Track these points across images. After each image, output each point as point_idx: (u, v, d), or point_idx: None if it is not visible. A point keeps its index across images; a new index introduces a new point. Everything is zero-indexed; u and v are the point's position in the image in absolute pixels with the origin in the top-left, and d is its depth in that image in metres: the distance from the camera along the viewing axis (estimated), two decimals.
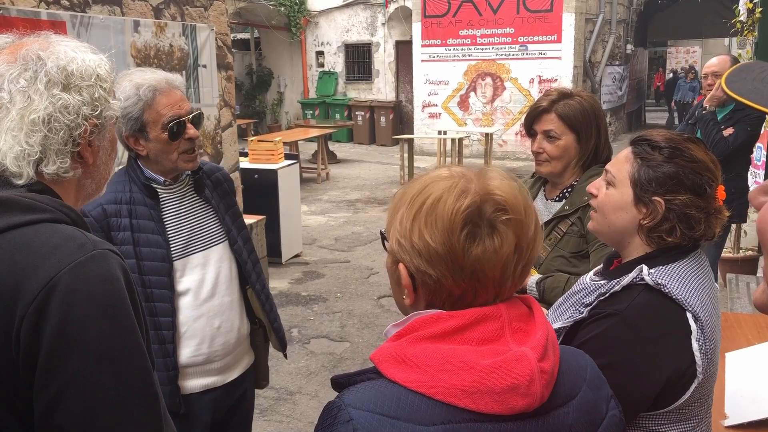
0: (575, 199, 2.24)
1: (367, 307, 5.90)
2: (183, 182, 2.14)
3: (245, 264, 2.24)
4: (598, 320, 1.44)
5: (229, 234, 2.21)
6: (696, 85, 17.53)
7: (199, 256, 2.12)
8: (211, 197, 2.19)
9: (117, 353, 1.07)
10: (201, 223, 2.15)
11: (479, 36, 14.63)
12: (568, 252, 2.22)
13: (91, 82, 1.19)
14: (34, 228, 1.07)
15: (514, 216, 1.01)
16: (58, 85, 1.15)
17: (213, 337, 2.14)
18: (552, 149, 2.26)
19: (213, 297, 2.14)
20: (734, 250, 5.79)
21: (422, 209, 1.04)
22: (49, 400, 1.02)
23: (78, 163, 1.21)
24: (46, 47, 1.18)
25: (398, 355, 1.00)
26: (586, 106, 2.26)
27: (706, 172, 1.47)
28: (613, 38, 15.75)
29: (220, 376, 2.20)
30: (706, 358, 1.41)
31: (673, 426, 1.46)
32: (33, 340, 1.01)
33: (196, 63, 4.94)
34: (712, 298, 1.48)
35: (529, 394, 0.96)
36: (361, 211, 9.76)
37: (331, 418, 0.99)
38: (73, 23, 3.83)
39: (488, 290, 1.03)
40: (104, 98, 1.22)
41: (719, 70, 4.62)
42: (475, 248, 1.00)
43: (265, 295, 2.31)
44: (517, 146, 14.53)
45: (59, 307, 1.01)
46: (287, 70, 19.10)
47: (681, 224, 1.46)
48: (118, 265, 1.11)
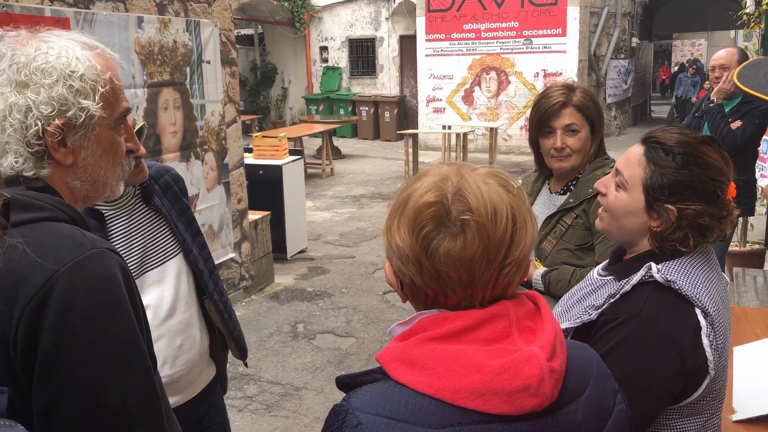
0: (580, 192, 2.23)
1: (372, 303, 5.89)
2: (128, 194, 1.92)
3: (201, 273, 2.08)
4: (615, 327, 1.42)
5: (183, 244, 2.04)
6: (698, 80, 17.07)
7: (155, 272, 1.96)
8: (162, 204, 2.00)
9: (116, 352, 1.06)
10: (153, 236, 1.97)
11: (483, 30, 14.58)
12: (573, 244, 2.21)
13: (51, 81, 1.15)
14: (32, 226, 1.06)
15: (477, 218, 0.98)
16: (11, 83, 1.13)
17: (175, 357, 1.99)
18: (574, 142, 2.23)
19: (173, 315, 1.99)
20: (741, 243, 5.77)
21: (398, 207, 1.05)
22: (49, 399, 1.01)
23: (49, 163, 1.18)
24: (20, 43, 1.16)
25: (405, 356, 1.00)
26: (592, 98, 2.28)
27: (720, 177, 1.45)
28: (618, 31, 15.68)
29: (181, 395, 2.04)
30: (717, 353, 1.40)
31: (685, 420, 1.46)
32: (31, 339, 1.00)
33: (200, 59, 4.94)
34: (720, 292, 1.47)
35: (539, 393, 0.95)
36: (366, 206, 9.75)
37: (338, 422, 0.98)
38: (77, 20, 3.82)
39: (457, 292, 1.01)
40: (69, 97, 1.16)
41: (726, 63, 4.59)
42: (438, 248, 0.99)
43: (223, 304, 2.16)
44: (522, 140, 14.47)
45: (57, 306, 1.00)
46: (291, 65, 19.09)
47: (693, 232, 1.44)
48: (116, 264, 1.10)
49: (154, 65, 4.51)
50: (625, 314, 1.42)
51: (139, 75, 4.38)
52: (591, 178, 2.19)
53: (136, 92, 4.35)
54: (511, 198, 1.02)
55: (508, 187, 1.04)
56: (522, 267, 1.04)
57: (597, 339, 1.45)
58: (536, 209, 2.38)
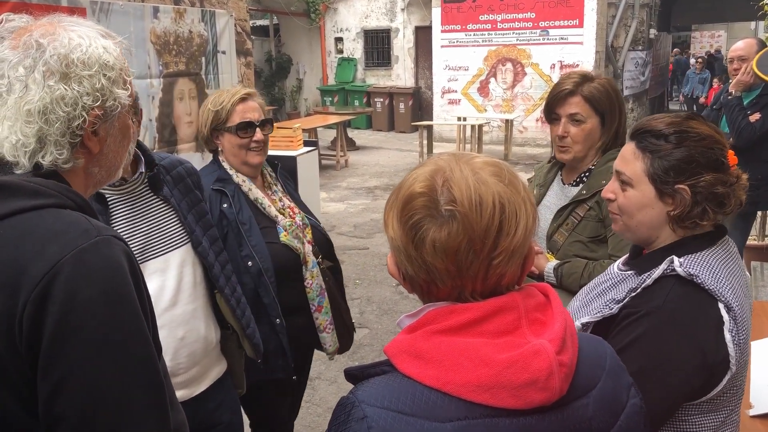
0: (593, 183, 2.21)
1: (386, 294, 5.89)
2: (135, 181, 1.89)
3: (212, 267, 2.05)
4: (637, 320, 1.41)
5: (193, 235, 2.00)
6: (707, 76, 16.33)
7: (157, 261, 1.91)
8: (171, 195, 1.97)
9: (120, 340, 1.06)
10: (158, 225, 1.94)
11: (500, 21, 14.47)
12: (586, 237, 2.19)
13: (92, 72, 1.16)
14: (38, 213, 1.07)
15: (460, 209, 0.97)
16: (56, 75, 1.13)
17: (176, 349, 1.95)
18: (577, 133, 2.22)
19: (175, 305, 1.96)
20: (759, 237, 5.70)
21: (392, 199, 1.06)
22: (52, 386, 1.02)
23: (81, 152, 1.19)
24: (50, 33, 1.16)
25: (413, 349, 0.99)
26: (609, 89, 2.24)
27: (717, 145, 1.44)
28: (635, 22, 15.50)
29: (186, 390, 2.00)
30: (738, 348, 1.38)
31: (704, 416, 1.44)
32: (36, 326, 1.00)
33: (215, 49, 4.94)
34: (743, 286, 1.45)
35: (547, 388, 0.94)
36: (380, 198, 9.74)
37: (344, 415, 0.98)
38: (93, 9, 3.83)
39: (446, 283, 1.01)
40: (107, 88, 1.19)
41: (745, 54, 4.52)
42: (424, 239, 0.99)
43: (236, 300, 2.13)
44: (538, 132, 14.40)
45: (62, 293, 1.01)
46: (306, 56, 19.07)
47: (711, 204, 1.42)
48: (122, 252, 1.10)
49: (170, 55, 4.52)
50: (647, 308, 1.40)
51: (154, 65, 4.39)
52: (605, 170, 2.17)
53: (152, 82, 4.37)
54: (501, 187, 1.00)
55: (501, 175, 1.02)
56: (516, 257, 1.00)
57: (617, 332, 1.44)
58: (548, 201, 2.36)
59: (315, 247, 2.62)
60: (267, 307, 2.41)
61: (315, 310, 2.56)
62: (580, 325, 1.50)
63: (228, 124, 2.45)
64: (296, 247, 2.50)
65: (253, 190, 2.52)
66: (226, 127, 2.46)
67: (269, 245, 2.43)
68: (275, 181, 2.69)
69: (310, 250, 2.57)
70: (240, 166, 2.52)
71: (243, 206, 2.45)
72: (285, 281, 2.47)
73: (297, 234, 2.54)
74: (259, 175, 2.62)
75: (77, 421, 1.02)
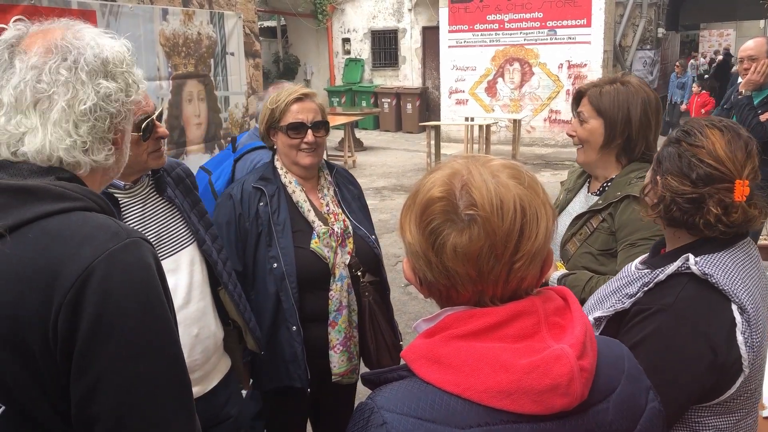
0: (609, 194, 2.18)
1: (394, 295, 5.86)
2: (143, 184, 1.95)
3: (216, 264, 2.08)
4: (648, 317, 1.41)
5: (197, 234, 2.05)
6: (686, 80, 14.42)
7: (169, 261, 1.95)
8: (175, 196, 2.03)
9: (152, 340, 1.07)
10: (167, 225, 1.99)
11: (507, 21, 14.45)
12: (597, 249, 2.16)
13: (123, 68, 1.21)
14: (66, 216, 1.07)
15: (481, 213, 0.96)
16: (99, 73, 1.16)
17: (192, 346, 1.98)
18: (580, 131, 2.27)
19: (188, 304, 1.99)
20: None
21: (409, 204, 1.05)
22: (86, 388, 1.02)
23: (113, 149, 1.22)
24: (73, 36, 1.18)
25: (431, 354, 0.98)
26: (621, 95, 2.19)
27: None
28: (644, 22, 15.45)
29: (200, 386, 2.03)
30: (752, 351, 1.37)
31: (717, 418, 1.43)
32: (70, 328, 1.01)
33: (224, 51, 4.95)
34: (760, 288, 1.43)
35: (568, 393, 0.93)
36: (387, 198, 9.74)
37: (363, 421, 0.97)
38: (103, 12, 3.85)
39: (467, 288, 0.99)
40: (135, 83, 1.23)
41: (755, 54, 4.49)
42: (444, 244, 0.97)
43: (238, 295, 2.17)
44: (546, 132, 14.37)
45: (95, 295, 1.01)
46: (313, 57, 19.09)
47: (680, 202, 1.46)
48: (150, 253, 1.11)
49: (179, 57, 4.53)
50: (658, 305, 1.40)
51: (164, 67, 4.40)
52: (623, 181, 2.15)
53: (161, 84, 4.38)
54: (521, 190, 0.99)
55: (520, 178, 1.01)
56: (537, 261, 1.00)
57: (628, 329, 1.43)
58: (572, 207, 2.36)
59: (354, 259, 2.53)
60: (285, 312, 2.40)
61: (329, 325, 2.48)
62: (593, 320, 1.50)
63: (281, 123, 2.46)
64: (324, 256, 2.44)
65: (297, 192, 2.50)
66: (279, 125, 2.47)
67: (297, 249, 2.41)
68: (328, 185, 2.63)
69: (343, 261, 2.48)
70: (291, 166, 2.52)
71: (281, 207, 2.44)
72: (310, 289, 2.43)
73: (329, 242, 2.47)
74: (314, 176, 2.60)
75: (112, 424, 1.03)
